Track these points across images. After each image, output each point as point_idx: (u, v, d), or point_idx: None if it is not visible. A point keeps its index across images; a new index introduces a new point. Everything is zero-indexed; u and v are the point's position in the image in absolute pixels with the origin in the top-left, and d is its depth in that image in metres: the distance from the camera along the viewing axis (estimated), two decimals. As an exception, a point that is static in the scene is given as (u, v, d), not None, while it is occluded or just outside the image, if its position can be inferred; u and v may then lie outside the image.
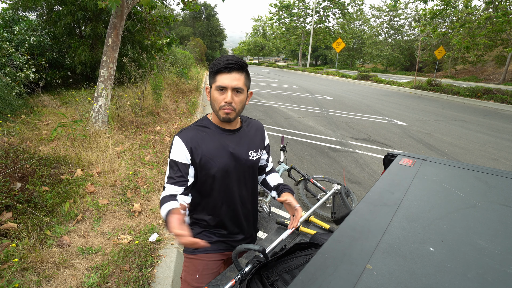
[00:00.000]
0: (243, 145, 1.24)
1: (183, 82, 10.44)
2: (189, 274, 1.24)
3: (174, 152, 1.16)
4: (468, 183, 1.14)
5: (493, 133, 7.03)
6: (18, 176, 2.66)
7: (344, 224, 0.86)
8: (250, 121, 1.35)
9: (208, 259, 1.26)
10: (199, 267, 1.24)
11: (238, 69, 1.11)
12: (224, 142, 1.20)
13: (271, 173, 1.45)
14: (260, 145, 1.32)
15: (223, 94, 1.11)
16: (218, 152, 1.18)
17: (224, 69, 1.09)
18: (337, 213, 2.05)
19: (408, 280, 0.64)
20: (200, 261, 1.25)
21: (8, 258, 1.97)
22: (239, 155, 1.22)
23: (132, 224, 2.61)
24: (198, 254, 1.26)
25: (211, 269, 1.25)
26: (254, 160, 1.28)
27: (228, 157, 1.19)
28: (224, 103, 1.11)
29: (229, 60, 1.09)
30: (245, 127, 1.30)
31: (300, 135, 6.32)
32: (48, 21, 8.01)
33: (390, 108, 10.26)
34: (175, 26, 33.21)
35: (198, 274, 1.23)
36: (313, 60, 50.55)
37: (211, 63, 1.15)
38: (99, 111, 4.69)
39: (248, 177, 1.29)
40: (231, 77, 1.10)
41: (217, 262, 1.28)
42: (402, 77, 26.14)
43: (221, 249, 1.29)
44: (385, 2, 34.72)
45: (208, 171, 1.18)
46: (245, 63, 1.13)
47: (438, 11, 13.48)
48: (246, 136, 1.27)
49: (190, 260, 1.27)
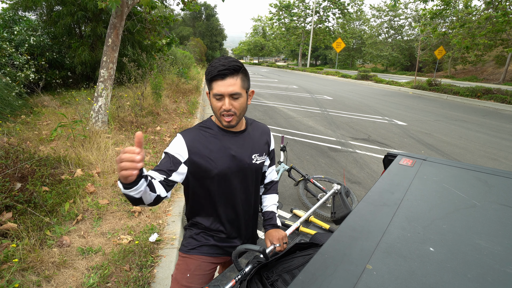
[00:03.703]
0: (246, 148, 1.21)
1: (183, 82, 10.44)
2: (180, 273, 1.23)
3: (171, 146, 1.14)
4: (468, 183, 1.14)
5: (493, 133, 7.03)
6: (18, 176, 2.66)
7: (344, 224, 0.86)
8: (256, 123, 1.32)
9: (201, 260, 1.24)
10: (191, 267, 1.23)
11: (232, 74, 1.07)
12: (227, 144, 1.17)
13: (270, 192, 1.41)
14: (264, 149, 1.28)
15: (220, 101, 1.09)
16: (219, 154, 1.15)
17: (217, 76, 1.06)
18: (337, 213, 2.05)
19: (408, 280, 0.64)
20: (193, 261, 1.24)
21: (8, 258, 1.97)
22: (241, 158, 1.19)
23: (132, 224, 2.61)
24: (193, 254, 1.24)
25: (203, 270, 1.24)
26: (257, 164, 1.25)
27: (230, 160, 1.17)
28: (223, 110, 1.09)
29: (221, 66, 1.05)
30: (250, 129, 1.26)
31: (300, 135, 6.32)
32: (48, 21, 8.01)
33: (390, 108, 10.26)
34: (175, 26, 33.20)
35: (189, 274, 1.21)
36: (313, 60, 50.55)
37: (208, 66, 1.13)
38: (99, 111, 4.69)
39: (251, 181, 1.26)
40: (226, 84, 1.06)
41: (210, 265, 1.26)
42: (402, 77, 26.15)
43: (217, 253, 1.27)
44: (385, 2, 34.73)
45: (208, 173, 1.15)
46: (239, 65, 1.09)
47: (438, 11, 13.49)
48: (250, 139, 1.24)
49: (183, 259, 1.25)
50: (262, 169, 1.34)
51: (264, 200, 1.41)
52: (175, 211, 2.91)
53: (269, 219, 1.35)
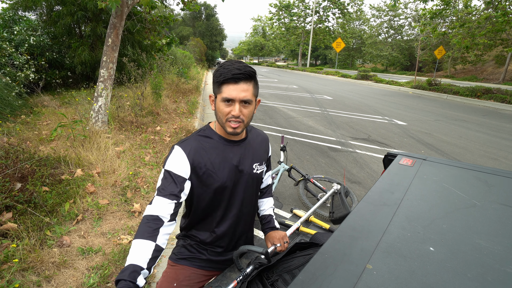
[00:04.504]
0: (247, 157, 1.17)
1: (183, 82, 10.44)
2: (167, 281, 1.16)
3: (172, 163, 1.05)
4: (468, 183, 1.14)
5: (493, 133, 7.03)
6: (18, 176, 2.66)
7: (344, 224, 0.86)
8: (255, 131, 1.28)
9: (191, 271, 1.19)
10: (179, 277, 1.17)
11: (247, 79, 1.01)
12: (228, 155, 1.12)
13: (266, 196, 1.39)
14: (263, 157, 1.25)
15: (230, 106, 1.02)
16: (222, 166, 1.10)
17: (231, 79, 0.99)
18: (335, 212, 2.06)
19: (408, 279, 0.64)
20: (183, 271, 1.18)
21: (8, 258, 1.97)
22: (243, 169, 1.15)
23: (132, 224, 2.61)
24: (183, 265, 1.20)
25: (192, 281, 1.18)
26: (258, 174, 1.21)
27: (232, 171, 1.12)
28: (231, 116, 1.03)
29: (236, 70, 0.99)
30: (250, 138, 1.21)
31: (300, 135, 6.32)
32: (48, 21, 8.00)
33: (390, 108, 10.27)
34: (175, 26, 33.18)
35: (176, 283, 1.15)
36: (313, 60, 50.56)
37: (214, 64, 1.08)
38: (99, 111, 4.69)
39: (251, 191, 1.22)
40: (239, 88, 1.00)
41: (199, 276, 1.21)
42: (402, 77, 26.14)
43: (209, 267, 1.22)
44: (385, 2, 34.74)
45: (209, 186, 1.10)
46: (253, 71, 1.03)
47: (438, 11, 13.48)
48: (251, 148, 1.19)
49: (172, 267, 1.21)
50: (262, 178, 1.30)
51: (261, 204, 1.39)
52: (175, 211, 2.91)
53: (267, 222, 1.34)
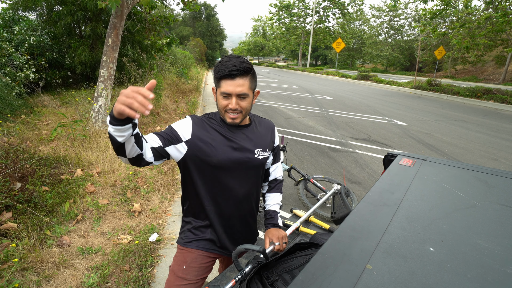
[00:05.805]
0: (249, 142, 1.21)
1: (183, 82, 10.43)
2: (177, 264, 1.25)
3: (178, 124, 1.17)
4: (468, 183, 1.14)
5: (493, 133, 7.03)
6: (18, 176, 2.66)
7: (344, 224, 0.86)
8: (260, 119, 1.33)
9: (198, 253, 1.26)
10: (187, 259, 1.25)
11: (242, 75, 1.08)
12: (229, 136, 1.18)
13: (274, 191, 1.41)
14: (268, 145, 1.28)
15: (227, 99, 1.11)
16: (222, 143, 1.16)
17: (227, 76, 1.07)
18: (337, 213, 2.05)
19: (408, 280, 0.64)
20: (190, 254, 1.25)
21: (8, 258, 1.97)
22: (243, 152, 1.19)
23: (132, 224, 2.61)
24: (190, 248, 1.26)
25: (199, 262, 1.25)
26: (260, 159, 1.23)
27: (231, 152, 1.17)
28: (229, 108, 1.11)
29: (232, 67, 1.06)
30: (254, 124, 1.27)
31: (300, 135, 6.32)
32: (48, 21, 8.00)
33: (390, 108, 10.26)
34: (175, 26, 33.18)
35: (185, 266, 1.24)
36: (313, 60, 50.55)
37: (214, 64, 1.13)
38: (99, 111, 4.69)
39: (251, 176, 1.24)
40: (235, 84, 1.08)
41: (206, 258, 1.27)
42: (402, 77, 26.14)
43: (213, 250, 1.28)
44: (385, 2, 34.71)
45: (208, 158, 1.15)
46: (249, 66, 1.10)
47: (438, 11, 13.48)
48: (254, 133, 1.24)
49: (181, 251, 1.28)
50: (265, 165, 1.33)
51: (267, 198, 1.40)
52: (175, 211, 2.91)
53: (270, 218, 1.34)
